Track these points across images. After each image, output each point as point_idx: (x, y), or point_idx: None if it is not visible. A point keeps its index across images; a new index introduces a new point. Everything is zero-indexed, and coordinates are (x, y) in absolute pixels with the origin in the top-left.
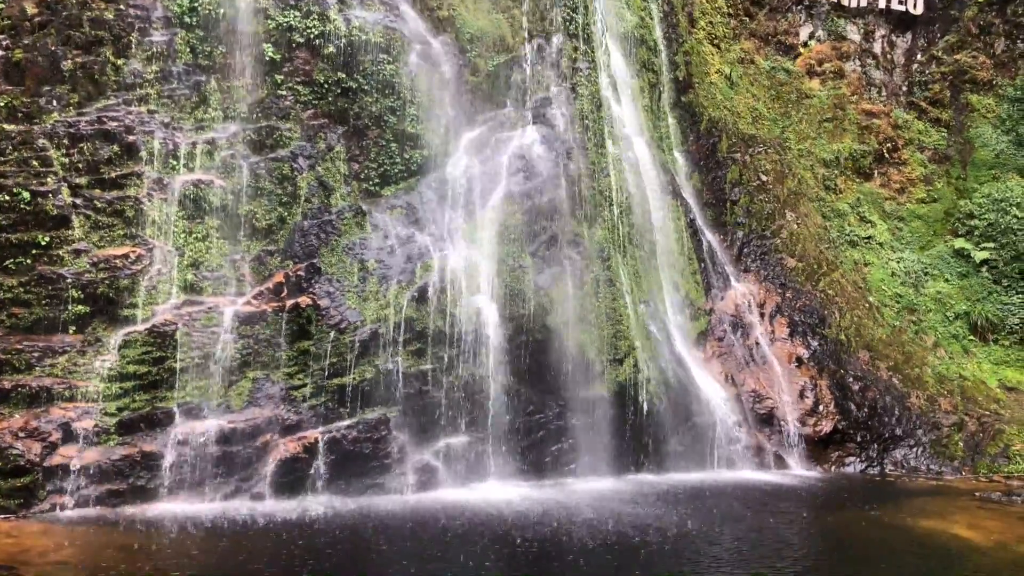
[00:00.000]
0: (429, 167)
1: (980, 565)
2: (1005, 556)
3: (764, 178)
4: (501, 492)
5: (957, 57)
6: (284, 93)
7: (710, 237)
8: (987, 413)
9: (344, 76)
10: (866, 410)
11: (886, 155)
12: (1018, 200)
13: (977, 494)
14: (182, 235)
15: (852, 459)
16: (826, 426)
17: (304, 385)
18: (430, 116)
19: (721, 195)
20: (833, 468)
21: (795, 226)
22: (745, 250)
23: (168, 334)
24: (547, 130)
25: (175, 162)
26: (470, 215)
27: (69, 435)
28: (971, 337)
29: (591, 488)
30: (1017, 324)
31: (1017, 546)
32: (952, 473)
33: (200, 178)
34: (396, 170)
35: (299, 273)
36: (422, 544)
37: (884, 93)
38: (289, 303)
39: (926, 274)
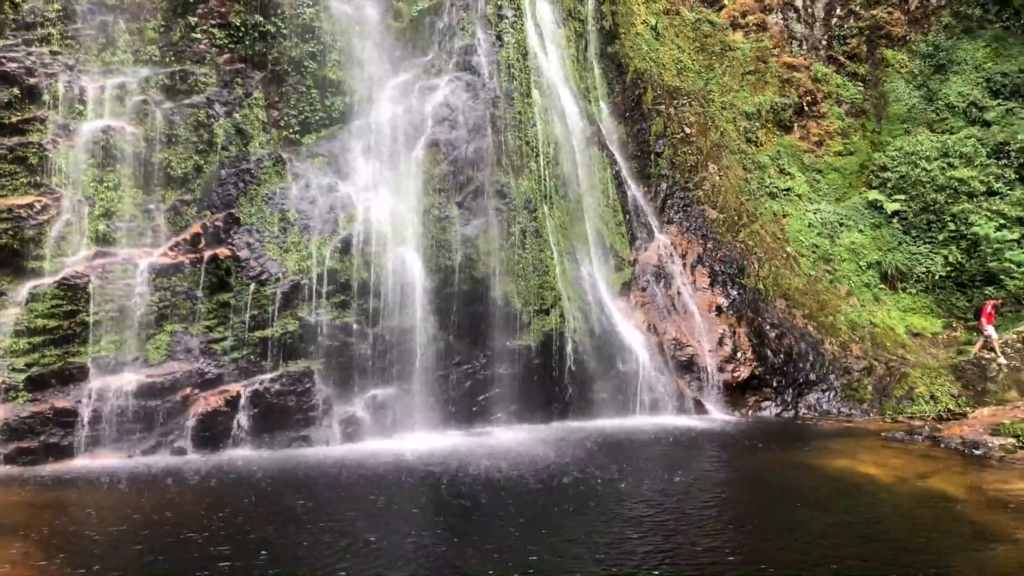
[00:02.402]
0: (352, 115)
1: (883, 500)
2: (905, 490)
3: (688, 130)
4: (429, 442)
5: (874, 12)
6: (198, 36)
7: (635, 189)
8: (894, 358)
9: (262, 19)
10: (782, 356)
11: (806, 108)
12: (927, 153)
13: (883, 434)
14: (92, 184)
15: (768, 403)
16: (744, 372)
17: (224, 338)
18: (352, 62)
19: (646, 147)
20: (750, 412)
21: (717, 178)
22: (668, 202)
23: (79, 287)
24: (472, 78)
25: (82, 107)
26: (394, 164)
27: None
28: (881, 286)
29: (518, 436)
30: (923, 273)
31: (916, 481)
32: (861, 415)
33: (110, 124)
34: (317, 117)
35: (217, 223)
36: (348, 494)
37: (805, 47)
38: (207, 254)
39: (841, 225)
